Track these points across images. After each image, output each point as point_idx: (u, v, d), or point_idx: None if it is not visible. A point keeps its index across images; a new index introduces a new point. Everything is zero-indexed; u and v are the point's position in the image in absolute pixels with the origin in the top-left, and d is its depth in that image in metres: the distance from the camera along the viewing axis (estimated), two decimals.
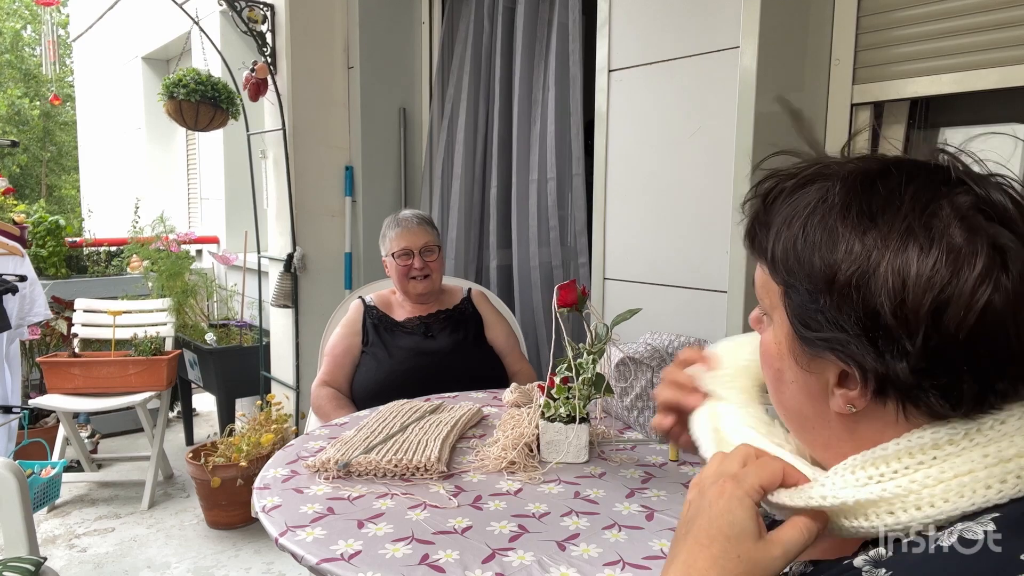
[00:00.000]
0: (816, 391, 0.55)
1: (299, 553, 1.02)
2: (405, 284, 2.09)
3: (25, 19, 15.79)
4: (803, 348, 0.55)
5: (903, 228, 0.48)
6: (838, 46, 1.76)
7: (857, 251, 0.49)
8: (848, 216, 0.50)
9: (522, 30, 2.59)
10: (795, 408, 0.58)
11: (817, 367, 0.54)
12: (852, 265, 0.49)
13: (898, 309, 0.47)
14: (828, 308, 0.51)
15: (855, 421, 0.54)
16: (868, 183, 0.51)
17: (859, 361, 0.50)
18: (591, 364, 1.36)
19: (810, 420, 0.57)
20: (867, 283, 0.48)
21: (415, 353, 2.01)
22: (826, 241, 0.51)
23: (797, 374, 0.56)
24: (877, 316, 0.48)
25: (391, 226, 2.14)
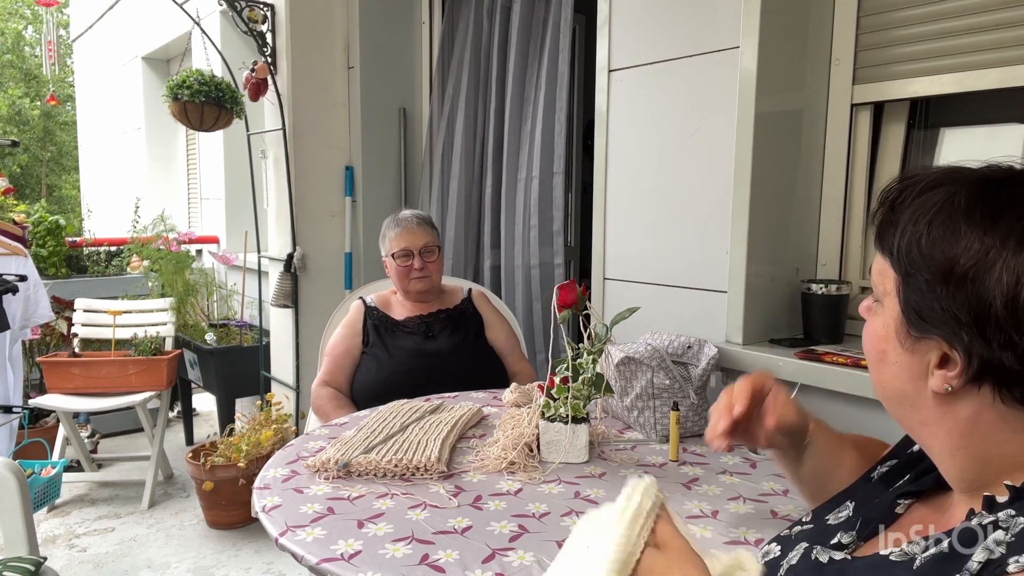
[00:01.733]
0: (917, 371, 0.60)
1: (299, 553, 1.02)
2: (405, 284, 2.09)
3: (27, 19, 15.80)
4: (909, 332, 0.60)
5: (1020, 231, 0.53)
6: (838, 46, 1.76)
7: (976, 248, 0.54)
8: (972, 216, 0.55)
9: (518, 29, 2.60)
10: (895, 386, 0.64)
11: (921, 349, 0.60)
12: (970, 260, 0.54)
13: (1010, 303, 0.52)
14: (944, 297, 0.56)
15: (951, 402, 0.59)
16: (993, 188, 0.57)
17: (965, 347, 0.55)
18: (591, 364, 1.36)
19: (909, 398, 0.62)
20: (982, 278, 0.53)
21: (415, 354, 2.01)
22: (948, 237, 0.56)
23: (900, 355, 0.62)
24: (989, 308, 0.53)
25: (391, 226, 2.13)
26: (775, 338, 1.79)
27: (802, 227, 1.84)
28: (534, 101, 2.60)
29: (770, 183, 1.75)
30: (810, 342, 1.71)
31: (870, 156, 1.77)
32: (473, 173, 2.88)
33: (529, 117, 2.62)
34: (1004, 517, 0.52)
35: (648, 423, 1.51)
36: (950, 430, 0.60)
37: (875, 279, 0.65)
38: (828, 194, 1.83)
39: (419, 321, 2.09)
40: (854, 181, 1.79)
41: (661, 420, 1.49)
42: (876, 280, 0.65)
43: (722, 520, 1.11)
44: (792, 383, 1.61)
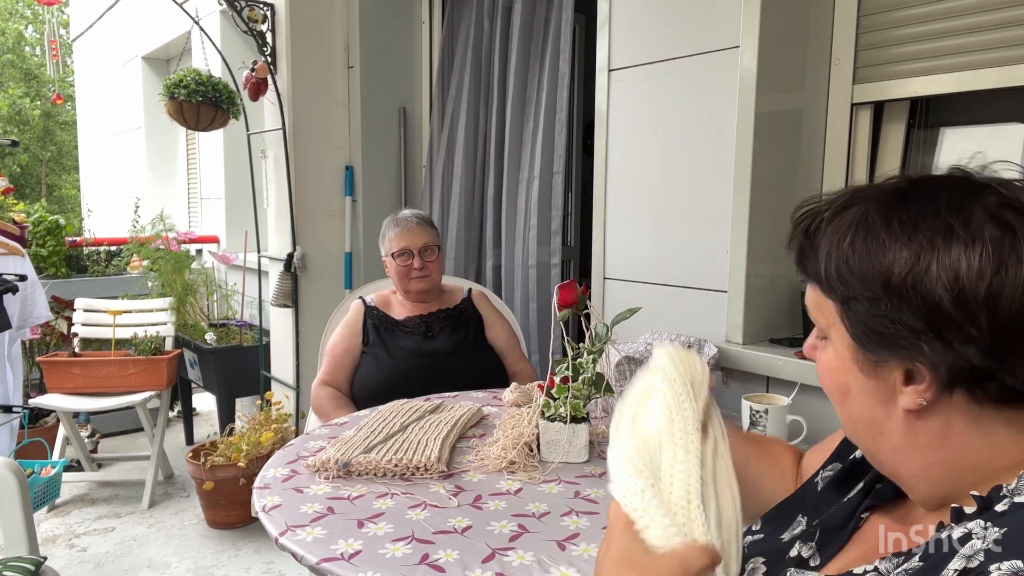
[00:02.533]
0: (883, 395, 0.59)
1: (299, 553, 1.02)
2: (405, 284, 2.09)
3: (27, 19, 15.80)
4: (867, 356, 0.58)
5: (944, 229, 0.53)
6: (838, 46, 1.76)
7: (906, 256, 0.54)
8: (891, 228, 0.55)
9: (519, 29, 2.60)
10: (864, 416, 0.61)
11: (882, 372, 0.58)
12: (905, 268, 0.54)
13: (957, 299, 0.52)
14: (890, 310, 0.55)
15: (922, 418, 0.57)
16: (901, 198, 0.57)
17: (927, 355, 0.54)
18: (591, 364, 1.36)
19: (879, 424, 0.60)
20: (922, 280, 0.53)
21: (415, 354, 2.01)
22: (876, 251, 0.56)
23: (863, 383, 0.60)
24: (938, 308, 0.52)
25: (390, 226, 2.14)
26: (775, 338, 1.79)
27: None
28: (535, 101, 2.60)
29: (770, 183, 1.75)
30: None
31: (870, 156, 1.77)
32: (475, 173, 2.89)
33: (531, 117, 2.62)
34: (976, 528, 0.51)
35: None
36: (923, 448, 0.58)
37: (813, 313, 0.64)
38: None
39: (419, 321, 2.09)
40: (854, 181, 1.79)
41: None
42: (815, 314, 0.64)
43: None
44: (792, 383, 1.61)
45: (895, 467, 0.61)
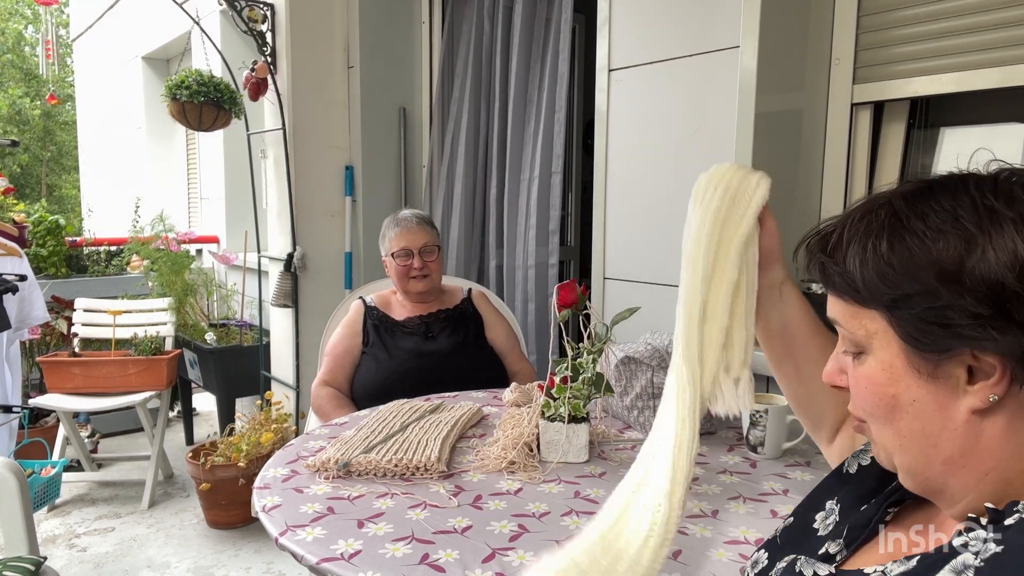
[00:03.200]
0: (944, 399, 0.56)
1: (299, 553, 1.02)
2: (405, 283, 2.09)
3: (27, 19, 15.80)
4: (925, 357, 0.55)
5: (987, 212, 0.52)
6: (838, 46, 1.76)
7: (955, 243, 0.52)
8: (928, 219, 0.54)
9: (520, 29, 2.60)
10: (917, 429, 0.58)
11: (943, 372, 0.55)
12: (956, 254, 0.52)
13: (1020, 276, 0.50)
14: (951, 300, 0.52)
15: (984, 419, 0.55)
16: (926, 193, 0.56)
17: (996, 341, 0.51)
18: (591, 364, 1.36)
19: (933, 437, 0.57)
20: (980, 264, 0.51)
21: (415, 354, 2.01)
22: (918, 245, 0.54)
23: (919, 391, 0.57)
24: (1003, 288, 0.50)
25: (391, 226, 2.13)
26: None
27: (802, 226, 1.84)
28: (536, 101, 2.60)
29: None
30: None
31: (870, 156, 1.77)
32: (477, 174, 2.89)
33: (532, 117, 2.63)
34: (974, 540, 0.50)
35: (648, 423, 1.51)
36: (981, 454, 0.56)
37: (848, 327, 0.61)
38: (828, 193, 1.83)
39: (419, 321, 2.09)
40: (854, 181, 1.79)
41: None
42: (849, 327, 0.61)
43: (722, 520, 1.11)
44: None
45: (944, 481, 0.58)
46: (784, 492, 1.22)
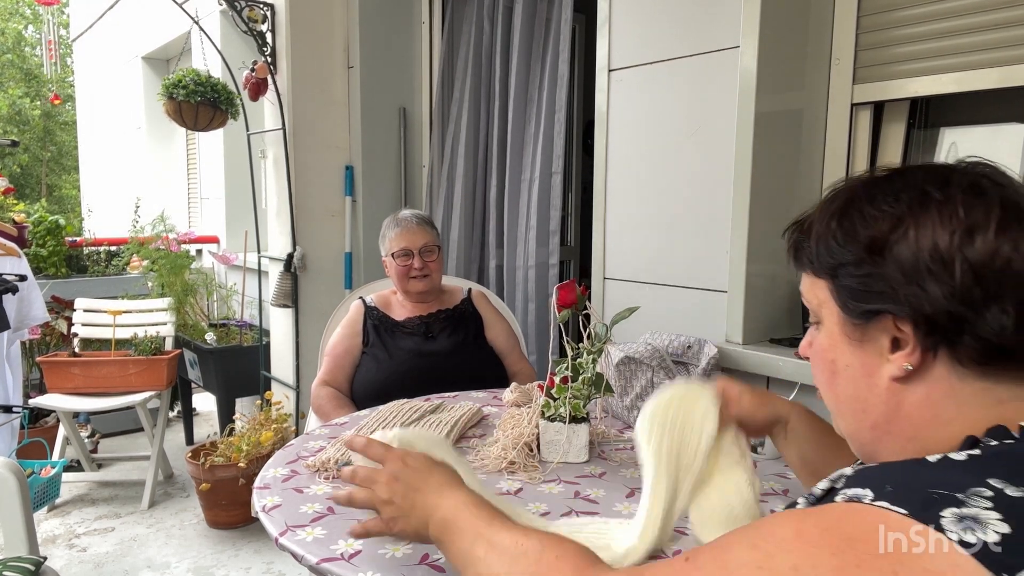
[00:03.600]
0: (870, 365, 0.63)
1: (299, 553, 1.01)
2: (405, 284, 2.09)
3: (27, 19, 15.80)
4: (855, 324, 0.63)
5: (921, 195, 0.59)
6: (838, 46, 1.76)
7: (887, 219, 0.60)
8: (875, 201, 0.61)
9: (520, 29, 2.60)
10: (850, 393, 0.65)
11: (870, 338, 0.62)
12: (884, 227, 0.59)
13: (934, 250, 0.57)
14: (874, 270, 0.60)
15: (905, 388, 0.61)
16: (886, 179, 0.63)
17: (909, 308, 0.58)
18: (591, 364, 1.36)
19: (862, 401, 0.64)
20: (903, 237, 0.58)
21: (415, 354, 2.01)
22: (861, 222, 0.61)
23: (851, 356, 0.64)
24: (919, 258, 0.57)
25: (391, 226, 2.13)
26: (775, 338, 1.79)
27: None
28: (536, 101, 2.60)
29: (770, 183, 1.76)
30: None
31: (870, 156, 1.77)
32: (477, 174, 2.89)
33: (532, 117, 2.63)
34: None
35: None
36: (906, 422, 0.61)
37: (807, 298, 0.69)
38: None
39: (419, 322, 2.09)
40: None
41: None
42: (808, 298, 0.69)
43: None
44: (792, 383, 1.61)
45: (875, 447, 0.65)
46: (784, 492, 1.21)
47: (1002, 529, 0.44)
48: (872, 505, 0.48)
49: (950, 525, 0.45)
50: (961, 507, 0.46)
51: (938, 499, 0.47)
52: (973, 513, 0.45)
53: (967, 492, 0.47)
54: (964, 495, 0.46)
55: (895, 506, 0.47)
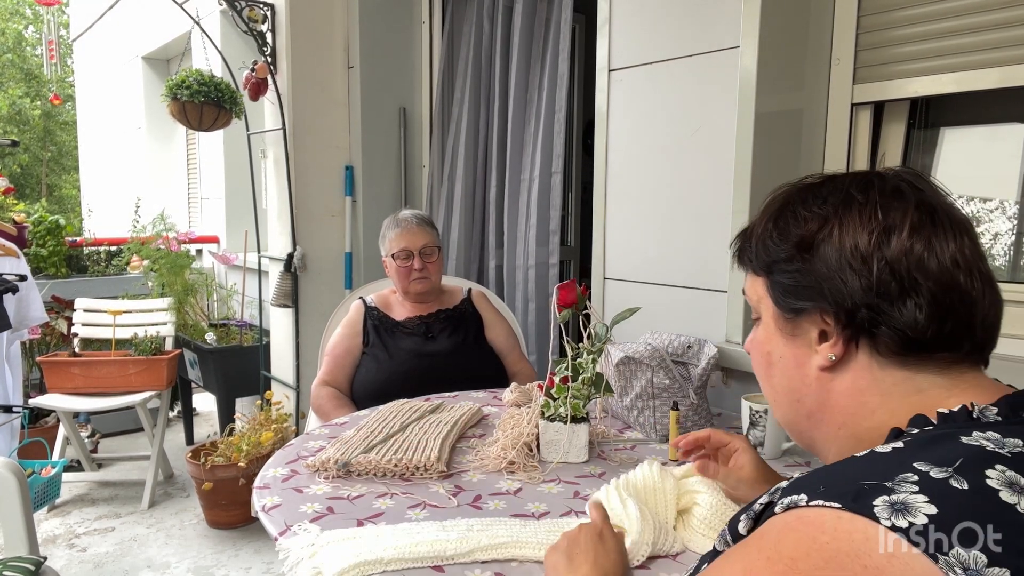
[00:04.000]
0: (801, 356, 0.67)
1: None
2: (405, 284, 2.09)
3: (28, 19, 15.80)
4: (787, 318, 0.68)
5: (845, 197, 0.64)
6: (838, 46, 1.76)
7: (815, 221, 0.64)
8: (806, 203, 0.66)
9: (520, 29, 2.60)
10: (785, 384, 0.70)
11: (800, 332, 0.67)
12: (812, 228, 0.64)
13: (855, 248, 0.61)
14: (802, 266, 0.64)
15: (832, 378, 0.65)
16: (817, 185, 0.68)
17: (831, 302, 0.63)
18: (591, 364, 1.36)
19: (798, 391, 0.68)
20: (828, 237, 0.63)
21: (415, 355, 2.01)
22: (793, 222, 0.66)
23: (784, 348, 0.69)
24: (840, 255, 0.62)
25: (391, 227, 2.13)
26: None
27: None
28: (536, 102, 2.60)
29: (770, 183, 1.75)
30: None
31: (870, 156, 1.77)
32: (477, 174, 2.89)
33: (532, 117, 2.62)
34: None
35: (648, 423, 1.51)
36: (835, 411, 0.65)
37: (748, 295, 0.73)
38: None
39: (419, 322, 2.09)
40: None
41: (661, 420, 1.49)
42: (749, 295, 0.73)
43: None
44: None
45: (811, 435, 0.69)
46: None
47: (929, 511, 0.46)
48: (808, 507, 0.50)
49: (882, 512, 0.47)
50: (891, 494, 0.48)
51: (868, 489, 0.49)
52: (902, 499, 0.47)
53: (895, 479, 0.49)
54: (892, 482, 0.49)
55: (829, 502, 0.49)
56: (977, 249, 0.62)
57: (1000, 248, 1.70)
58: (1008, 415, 0.57)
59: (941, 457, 0.51)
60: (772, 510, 0.54)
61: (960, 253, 0.60)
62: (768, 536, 0.52)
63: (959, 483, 0.48)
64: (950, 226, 0.61)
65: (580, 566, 0.83)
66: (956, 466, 0.49)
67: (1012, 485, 0.48)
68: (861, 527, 0.47)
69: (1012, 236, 1.67)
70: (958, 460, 0.50)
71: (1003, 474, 0.49)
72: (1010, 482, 0.48)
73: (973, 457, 0.51)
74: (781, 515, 0.52)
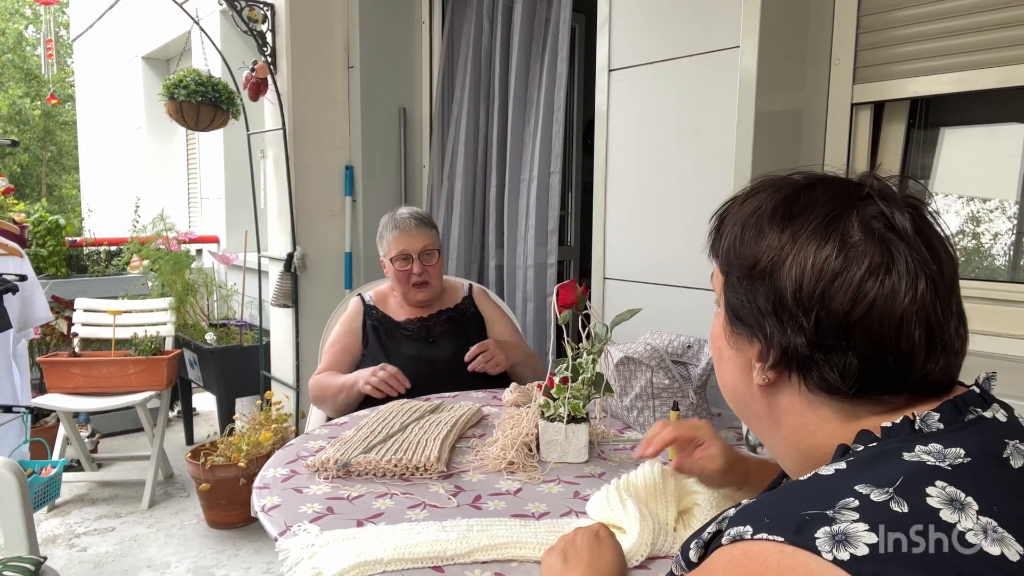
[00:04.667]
0: (743, 367, 0.67)
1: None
2: (405, 289, 2.05)
3: (28, 19, 15.80)
4: (732, 329, 0.67)
5: (810, 228, 0.59)
6: (838, 46, 1.76)
7: (774, 245, 0.61)
8: (774, 218, 0.62)
9: (519, 29, 2.60)
10: (730, 383, 0.70)
11: (743, 345, 0.66)
12: (768, 255, 0.61)
13: (797, 292, 0.58)
14: (749, 291, 0.63)
15: (773, 394, 0.64)
16: (795, 193, 0.63)
17: (768, 336, 0.61)
18: (591, 364, 1.36)
19: (742, 394, 0.69)
20: (777, 270, 0.60)
21: (416, 361, 1.96)
22: (755, 237, 0.63)
23: (731, 353, 0.68)
24: (783, 297, 0.60)
25: (388, 227, 2.07)
26: None
27: None
28: (536, 101, 2.60)
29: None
30: None
31: (870, 156, 1.77)
32: (477, 174, 2.89)
33: (532, 117, 2.62)
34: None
35: (648, 423, 1.51)
36: (777, 422, 0.65)
37: (713, 282, 0.73)
38: None
39: (419, 324, 2.05)
40: None
41: (661, 420, 1.49)
42: (714, 283, 0.72)
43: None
44: None
45: (763, 434, 0.69)
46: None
47: (870, 540, 0.46)
48: (753, 540, 0.50)
49: (823, 545, 0.47)
50: (832, 524, 0.48)
51: (810, 520, 0.49)
52: (843, 528, 0.47)
53: (836, 507, 0.49)
54: (833, 511, 0.49)
55: (772, 535, 0.49)
56: (938, 304, 0.57)
57: (1000, 248, 1.70)
58: (952, 420, 0.56)
59: (882, 476, 0.51)
60: (720, 540, 0.54)
61: (909, 308, 0.56)
62: (714, 571, 0.52)
63: (899, 506, 0.48)
64: (908, 276, 0.56)
65: (575, 567, 0.84)
66: (896, 486, 0.50)
67: (952, 502, 0.48)
68: (804, 561, 0.47)
69: (1012, 236, 1.67)
70: (899, 479, 0.50)
71: (943, 491, 0.49)
72: (950, 499, 0.48)
73: (913, 475, 0.51)
74: (727, 547, 0.52)
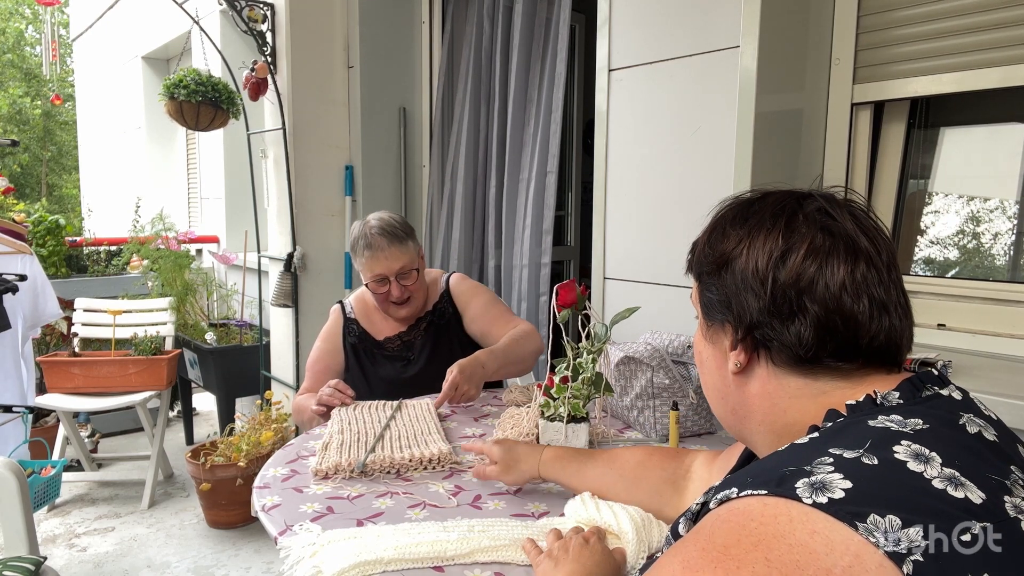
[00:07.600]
0: (720, 360, 0.73)
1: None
2: (386, 307, 1.96)
3: (27, 19, 15.80)
4: (708, 324, 0.74)
5: (759, 221, 0.70)
6: (838, 46, 1.76)
7: (735, 243, 0.70)
8: (734, 222, 0.72)
9: (519, 29, 2.60)
10: (712, 383, 0.76)
11: (717, 339, 0.73)
12: (728, 248, 0.71)
13: (755, 271, 0.67)
14: (716, 282, 0.72)
15: (746, 381, 0.71)
16: (750, 202, 0.73)
17: (735, 314, 0.69)
18: (591, 363, 1.36)
19: (721, 390, 0.75)
20: (737, 258, 0.69)
21: (394, 383, 1.91)
22: (718, 239, 0.73)
23: (710, 351, 0.75)
24: (744, 278, 0.68)
25: (361, 246, 1.92)
26: None
27: None
28: (536, 101, 2.60)
29: (770, 183, 1.75)
30: None
31: (870, 155, 1.77)
32: (477, 173, 2.89)
33: (532, 117, 2.62)
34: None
35: (648, 422, 1.51)
36: (753, 409, 0.71)
37: (692, 302, 0.79)
38: None
39: (400, 343, 1.96)
40: (854, 181, 1.79)
41: (661, 419, 1.49)
42: (693, 299, 0.79)
43: None
44: None
45: (740, 428, 0.75)
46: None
47: (845, 485, 0.51)
48: (739, 498, 0.55)
49: (803, 492, 0.51)
50: (810, 476, 0.53)
51: (790, 474, 0.54)
52: (820, 478, 0.52)
53: (813, 463, 0.54)
54: (811, 466, 0.54)
55: (756, 490, 0.54)
56: (875, 275, 0.65)
57: (1000, 248, 1.71)
58: (909, 398, 0.62)
59: (852, 440, 0.56)
60: (708, 507, 0.58)
61: (850, 278, 0.64)
62: (703, 530, 0.56)
63: (870, 460, 0.53)
64: (847, 253, 0.65)
65: (565, 565, 0.88)
66: (866, 446, 0.55)
67: (918, 456, 0.53)
68: (784, 509, 0.51)
69: (1012, 236, 1.67)
70: (867, 441, 0.55)
71: (908, 447, 0.54)
72: (916, 454, 0.54)
73: (880, 437, 0.56)
74: (715, 510, 0.57)
